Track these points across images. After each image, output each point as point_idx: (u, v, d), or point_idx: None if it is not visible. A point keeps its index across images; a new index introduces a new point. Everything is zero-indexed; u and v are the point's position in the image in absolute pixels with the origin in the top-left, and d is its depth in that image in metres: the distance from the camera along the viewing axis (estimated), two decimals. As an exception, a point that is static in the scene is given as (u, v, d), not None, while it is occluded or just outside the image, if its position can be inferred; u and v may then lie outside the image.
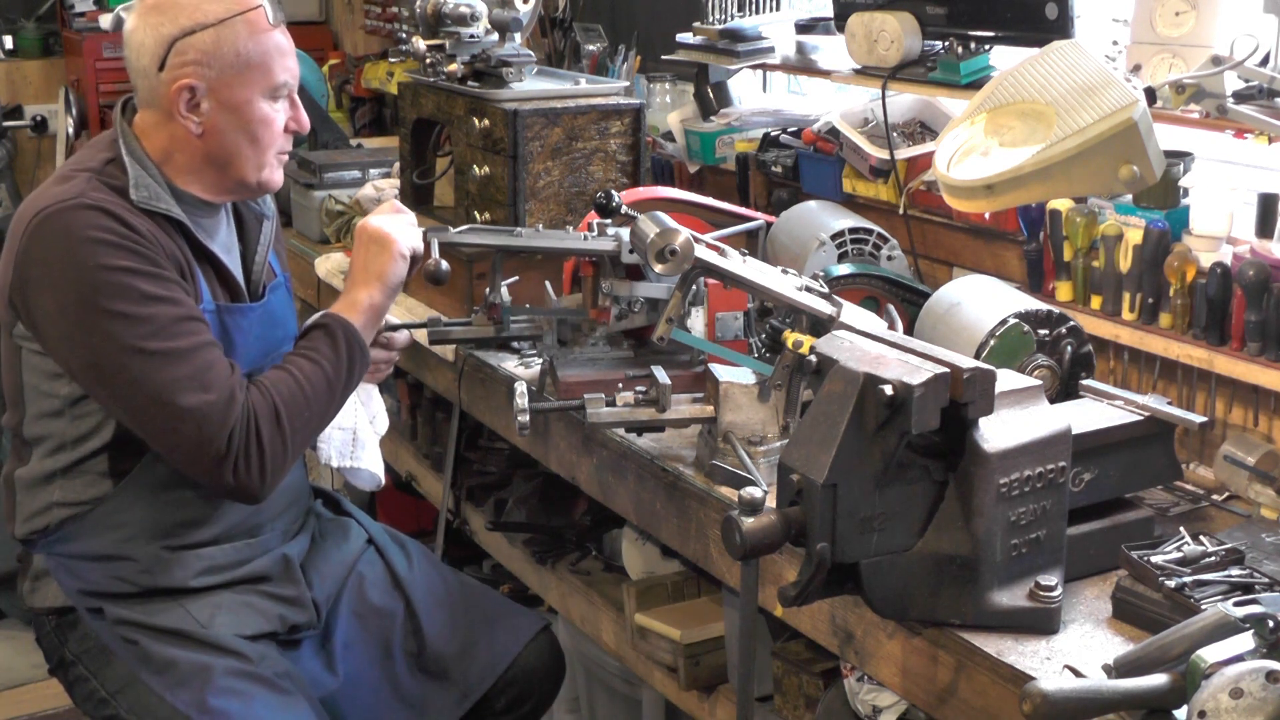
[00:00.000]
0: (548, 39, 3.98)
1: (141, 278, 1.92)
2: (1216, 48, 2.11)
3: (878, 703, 2.14)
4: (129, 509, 2.06)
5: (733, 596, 2.35)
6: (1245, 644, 1.37)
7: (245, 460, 1.94)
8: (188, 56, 1.98)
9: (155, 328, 1.91)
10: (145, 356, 1.90)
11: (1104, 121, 1.95)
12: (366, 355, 2.12)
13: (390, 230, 2.17)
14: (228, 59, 1.99)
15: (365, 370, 2.15)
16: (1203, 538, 1.75)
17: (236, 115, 2.02)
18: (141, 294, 1.91)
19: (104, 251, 1.90)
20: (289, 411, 1.98)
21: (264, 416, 1.95)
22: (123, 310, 1.90)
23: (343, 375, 2.07)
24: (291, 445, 2.00)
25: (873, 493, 1.59)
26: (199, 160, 2.05)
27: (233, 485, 1.95)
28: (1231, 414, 2.17)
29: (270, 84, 2.03)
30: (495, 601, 2.46)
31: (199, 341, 1.95)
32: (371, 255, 2.15)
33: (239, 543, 2.15)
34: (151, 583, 2.08)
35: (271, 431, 1.96)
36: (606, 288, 2.27)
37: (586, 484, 2.38)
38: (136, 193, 1.97)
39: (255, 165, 2.07)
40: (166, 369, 1.91)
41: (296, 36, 2.17)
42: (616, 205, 2.25)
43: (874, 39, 2.69)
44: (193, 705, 2.00)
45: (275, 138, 2.07)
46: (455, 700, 2.30)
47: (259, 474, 1.96)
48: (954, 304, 2.26)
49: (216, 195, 2.10)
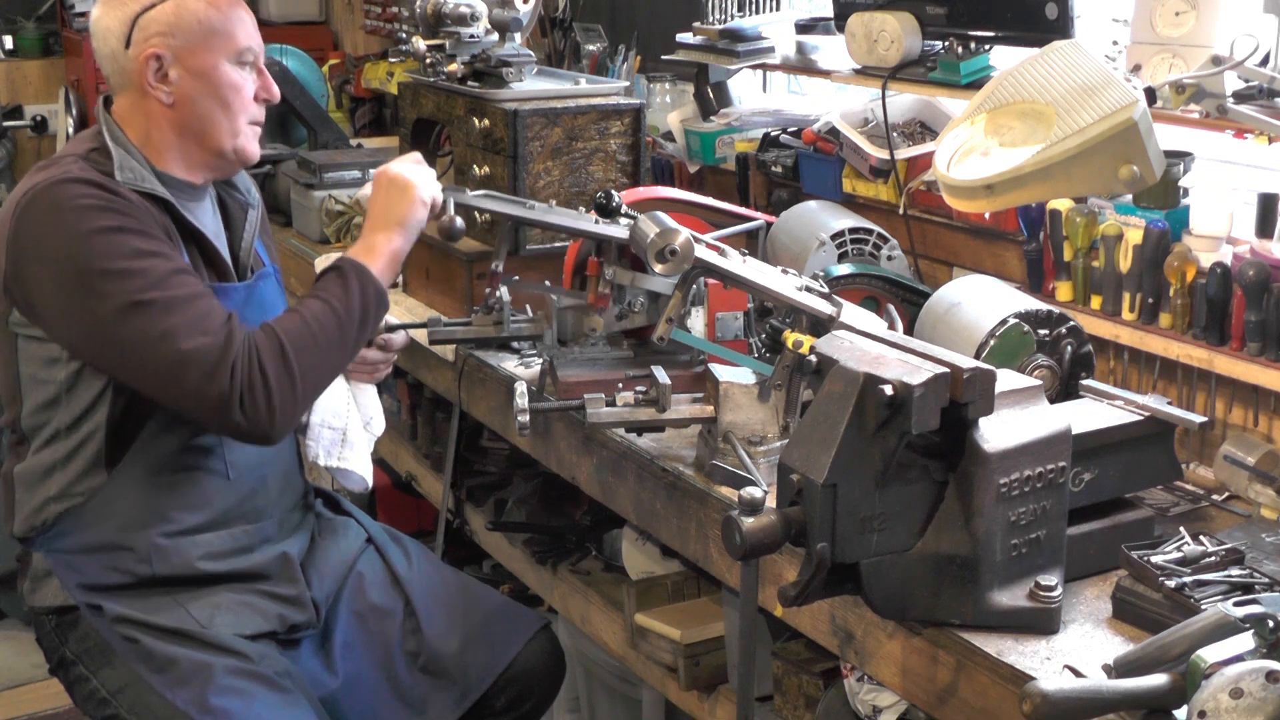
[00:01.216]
0: (548, 39, 3.98)
1: (131, 235, 1.95)
2: (1216, 48, 2.11)
3: (878, 703, 2.14)
4: (124, 496, 2.07)
5: (733, 596, 2.35)
6: (1245, 644, 1.37)
7: (251, 396, 1.93)
8: (151, 30, 2.04)
9: (150, 280, 1.93)
10: (143, 308, 1.92)
11: (1104, 121, 1.95)
12: (384, 297, 2.11)
13: (411, 176, 2.18)
14: (190, 27, 2.04)
15: (383, 312, 2.13)
16: (1203, 538, 1.75)
17: (205, 81, 2.06)
18: (133, 250, 1.94)
19: (92, 216, 1.94)
20: (295, 347, 1.98)
21: (267, 351, 1.96)
22: (117, 267, 1.93)
23: (355, 314, 2.05)
24: (301, 382, 1.98)
25: (873, 493, 1.59)
26: (175, 134, 2.08)
27: (243, 424, 1.95)
28: (1231, 414, 2.17)
29: (234, 48, 2.08)
30: (495, 600, 2.46)
31: (193, 291, 1.97)
32: (392, 200, 2.16)
33: (236, 529, 2.15)
34: (150, 572, 2.08)
35: (277, 367, 1.95)
36: (609, 274, 2.26)
37: (586, 484, 2.38)
38: (121, 174, 2.02)
39: (229, 132, 2.10)
40: (165, 318, 1.92)
41: (296, 36, 2.20)
42: (617, 205, 2.25)
43: (874, 39, 2.69)
44: (193, 704, 2.01)
45: (246, 104, 2.11)
46: (455, 699, 2.30)
47: (266, 410, 1.95)
48: (954, 304, 2.26)
49: (197, 173, 2.13)
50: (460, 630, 2.34)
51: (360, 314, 2.06)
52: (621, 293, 2.35)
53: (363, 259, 2.10)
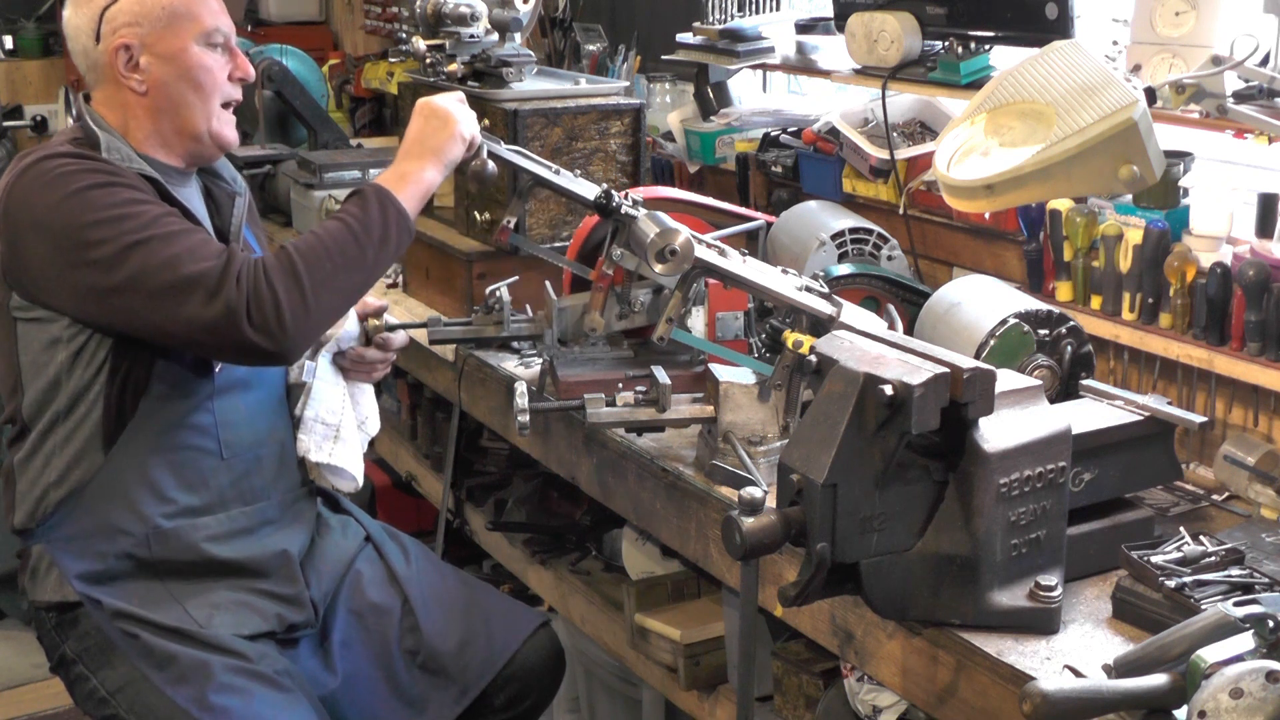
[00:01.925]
0: (548, 39, 3.99)
1: (116, 188, 1.99)
2: (1216, 48, 2.11)
3: (878, 703, 2.14)
4: (122, 477, 2.08)
5: (733, 596, 2.35)
6: (1245, 644, 1.37)
7: (259, 309, 1.93)
8: (118, 21, 2.07)
9: (143, 221, 1.96)
10: (140, 246, 1.94)
11: (1104, 121, 1.95)
12: (406, 219, 2.08)
13: (454, 110, 2.17)
14: (154, 13, 2.08)
15: (406, 236, 2.09)
16: (1203, 538, 1.75)
17: (175, 64, 2.09)
18: (121, 199, 1.98)
19: (78, 177, 1.98)
20: (305, 260, 1.97)
21: (275, 266, 1.96)
22: (108, 215, 1.96)
23: (375, 234, 2.03)
24: (313, 295, 1.96)
25: (873, 493, 1.59)
26: (151, 121, 2.11)
27: (253, 338, 1.93)
28: (1231, 414, 2.17)
29: (201, 29, 2.10)
30: (494, 598, 2.46)
31: (187, 226, 2.01)
32: (431, 129, 2.15)
33: (234, 511, 2.16)
34: (150, 557, 2.09)
35: (285, 278, 1.95)
36: (617, 255, 2.26)
37: (586, 484, 2.38)
38: (109, 154, 2.05)
39: (204, 114, 2.12)
40: (162, 249, 1.95)
41: (296, 36, 2.20)
42: (617, 205, 2.25)
43: (874, 39, 2.70)
44: (193, 702, 2.01)
45: (218, 85, 2.13)
46: (454, 697, 2.30)
47: (277, 323, 1.93)
48: (954, 304, 2.26)
49: (178, 158, 2.15)
50: (459, 628, 2.33)
51: (380, 234, 2.04)
52: (625, 288, 2.34)
53: (390, 185, 2.09)
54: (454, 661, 2.30)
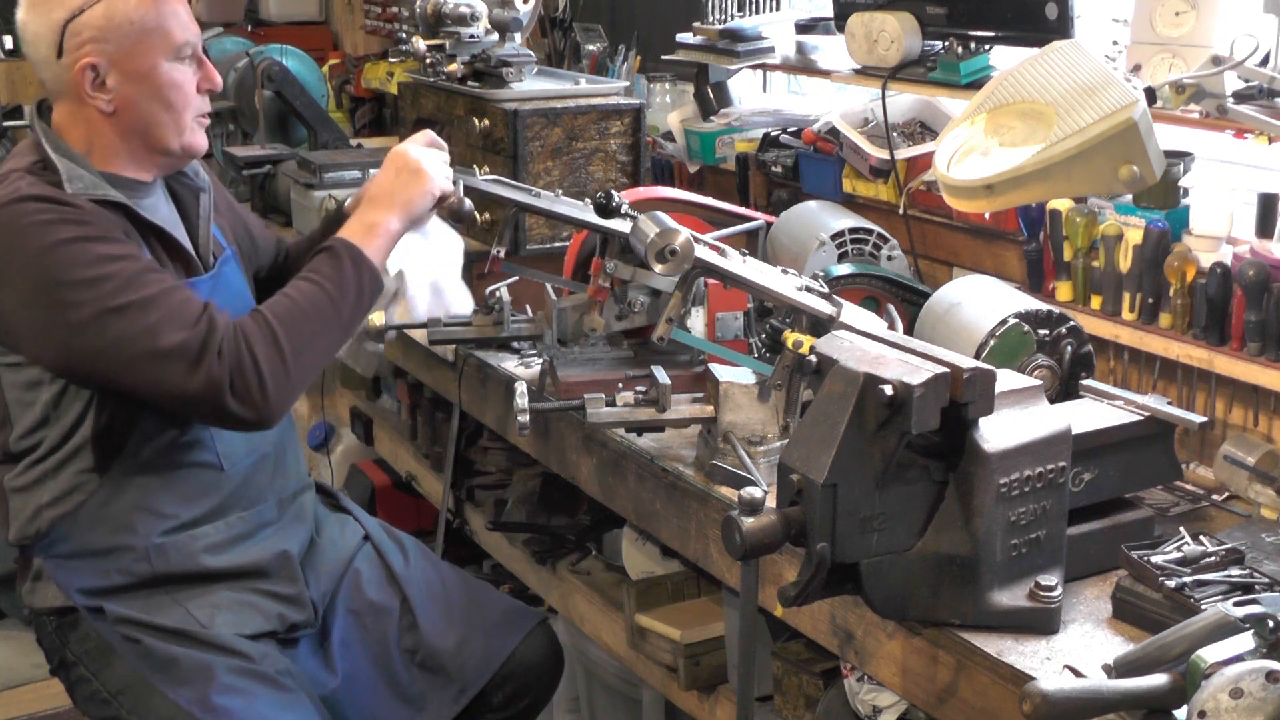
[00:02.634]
0: (548, 39, 3.99)
1: (93, 242, 1.92)
2: (1216, 48, 2.11)
3: (878, 703, 2.14)
4: (118, 499, 2.06)
5: (733, 596, 2.35)
6: (1245, 644, 1.37)
7: (242, 379, 1.91)
8: (83, 36, 1.96)
9: (120, 283, 1.90)
10: (118, 313, 1.89)
11: (1104, 121, 1.95)
12: (376, 276, 2.07)
13: (426, 164, 2.15)
14: (123, 29, 1.97)
15: (377, 291, 2.09)
16: (1203, 538, 1.75)
17: (144, 84, 2.01)
18: (97, 256, 1.91)
19: (50, 230, 1.91)
20: (285, 328, 1.95)
21: (255, 334, 1.93)
22: (84, 276, 1.90)
23: (349, 294, 2.02)
24: (293, 361, 1.95)
25: (873, 493, 1.59)
26: (119, 138, 2.04)
27: (237, 410, 1.92)
28: (1231, 414, 2.17)
29: (171, 45, 2.01)
30: (492, 597, 2.46)
31: (165, 286, 1.94)
32: (402, 182, 2.13)
33: (233, 517, 2.14)
34: (151, 571, 2.08)
35: (267, 348, 1.93)
36: (611, 267, 2.26)
37: (586, 484, 2.38)
38: (71, 185, 1.97)
39: (175, 130, 2.05)
40: (141, 317, 1.90)
41: (296, 36, 2.18)
42: (617, 205, 2.25)
43: (874, 39, 2.69)
44: (195, 703, 2.00)
45: (189, 100, 2.05)
46: (453, 696, 2.30)
47: (260, 392, 1.92)
48: (954, 304, 2.26)
49: (146, 171, 2.09)
50: (457, 627, 2.33)
51: (355, 293, 2.03)
52: (623, 289, 2.35)
53: (358, 240, 2.07)
54: (452, 660, 2.30)
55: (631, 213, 2.23)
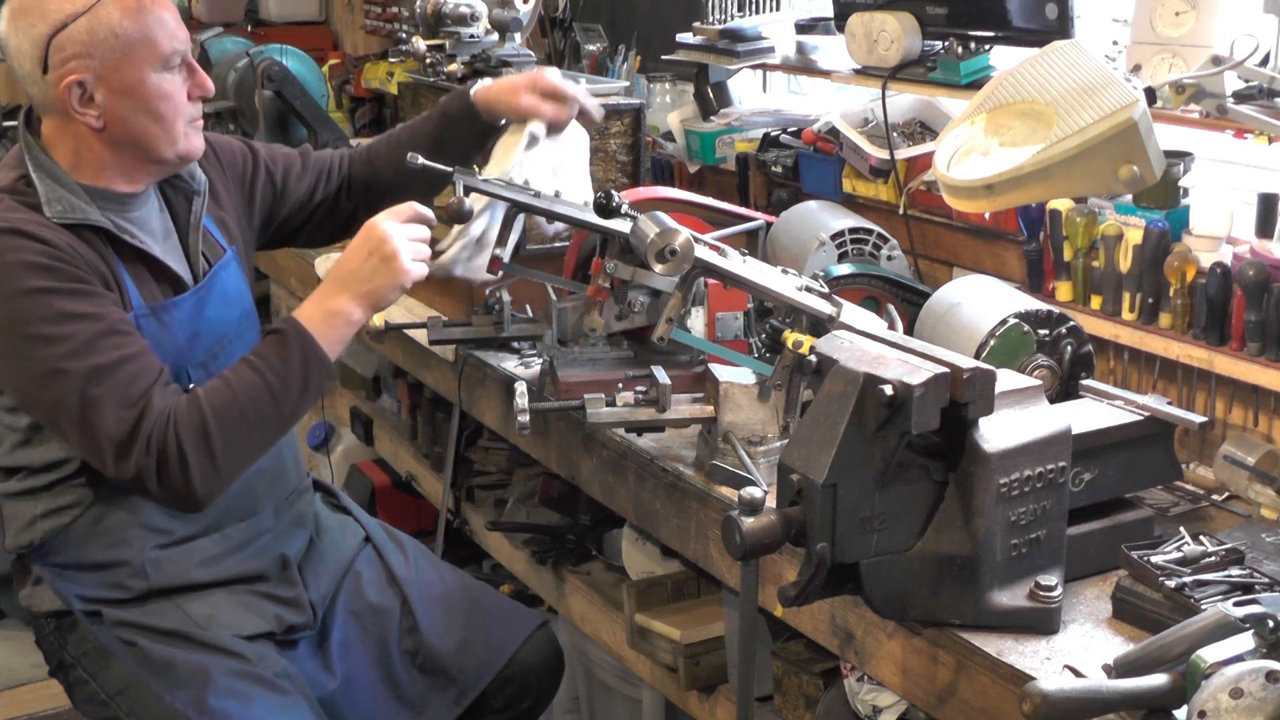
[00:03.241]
0: (548, 39, 3.98)
1: (60, 296, 1.88)
2: (1216, 48, 2.11)
3: (878, 703, 2.14)
4: (112, 514, 2.05)
5: (733, 596, 2.35)
6: (1245, 644, 1.37)
7: (166, 472, 1.88)
8: (67, 52, 1.91)
9: (74, 346, 1.87)
10: (64, 376, 1.86)
11: (1104, 121, 1.95)
12: (326, 368, 1.98)
13: (402, 250, 1.99)
14: (107, 43, 1.92)
15: (324, 383, 2.01)
16: (1203, 538, 1.75)
17: (133, 97, 1.96)
18: (59, 313, 1.87)
19: (21, 275, 1.87)
20: (219, 421, 1.89)
21: (186, 427, 1.88)
22: (41, 332, 1.87)
23: (294, 387, 1.94)
24: (222, 458, 1.90)
25: (873, 493, 1.59)
26: (110, 152, 1.99)
27: (162, 497, 1.91)
28: (1231, 414, 2.17)
29: (159, 56, 1.96)
30: (493, 599, 2.46)
31: (122, 355, 1.89)
32: (372, 269, 1.99)
33: (229, 529, 2.14)
34: (147, 586, 2.07)
35: (196, 442, 1.88)
36: (610, 267, 2.26)
37: (586, 484, 2.38)
38: (50, 209, 1.93)
39: (167, 141, 2.00)
40: (85, 387, 1.87)
41: (296, 36, 2.16)
42: (617, 205, 2.25)
43: (874, 39, 2.69)
44: (192, 706, 2.00)
45: (180, 109, 2.00)
46: (453, 698, 2.30)
47: (184, 485, 1.89)
48: (954, 304, 2.26)
49: (138, 181, 2.05)
50: (458, 629, 2.33)
51: (300, 386, 1.95)
52: (623, 289, 2.35)
53: (313, 326, 1.96)
54: (453, 662, 2.30)
55: (631, 213, 2.23)
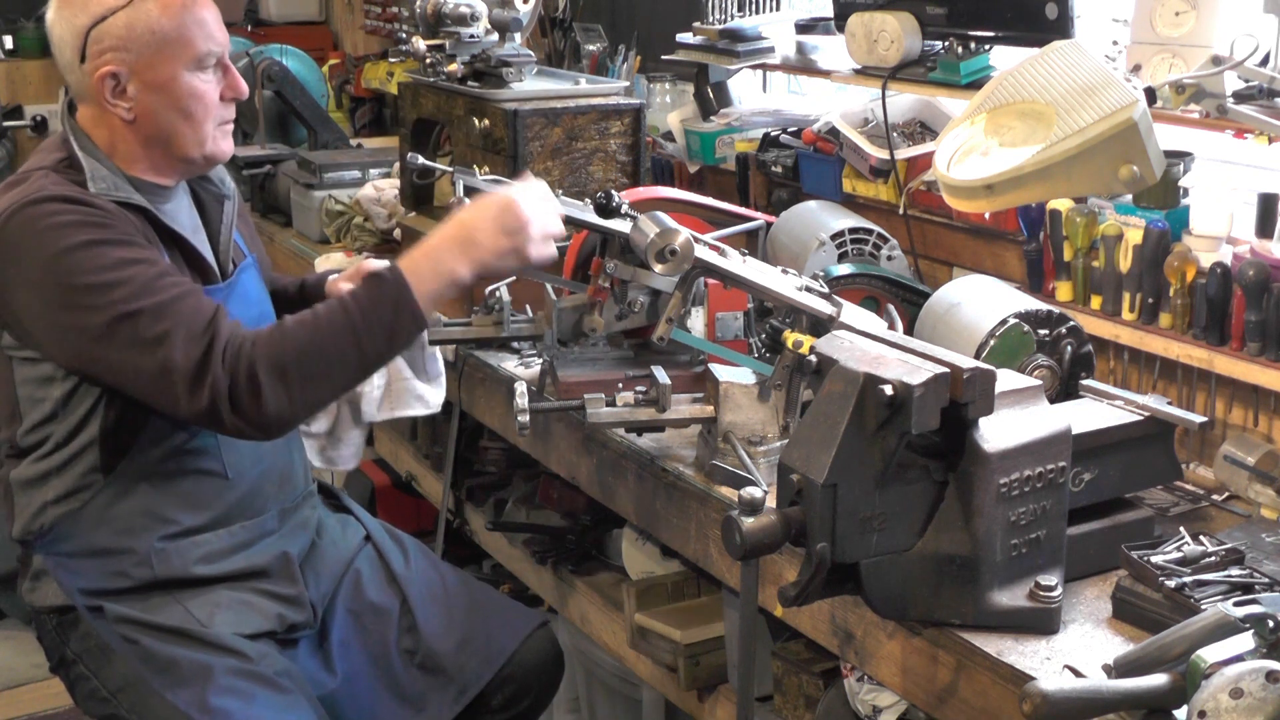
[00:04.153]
0: (548, 39, 3.98)
1: (111, 246, 1.91)
2: (1216, 48, 2.11)
3: (878, 703, 2.14)
4: (122, 500, 2.06)
5: (733, 596, 2.35)
6: (1245, 644, 1.37)
7: (240, 396, 1.87)
8: (104, 44, 1.96)
9: (135, 288, 1.89)
10: (130, 319, 1.88)
11: (1104, 121, 1.95)
12: (418, 321, 1.93)
13: (534, 227, 1.96)
14: (144, 39, 1.96)
15: (411, 338, 1.97)
16: (1203, 538, 1.75)
17: (164, 94, 1.99)
18: (115, 260, 1.90)
19: (69, 232, 1.90)
20: (298, 355, 1.88)
21: (264, 352, 1.88)
22: (101, 280, 1.89)
23: (379, 335, 1.90)
24: (299, 388, 1.89)
25: (873, 493, 1.59)
26: (140, 145, 2.03)
27: (237, 425, 1.90)
28: (1231, 414, 2.17)
29: (193, 55, 1.99)
30: (492, 598, 2.46)
31: (178, 292, 1.92)
32: (497, 233, 1.94)
33: (234, 526, 2.14)
34: (151, 576, 2.08)
35: (271, 375, 1.87)
36: (611, 268, 2.26)
37: (586, 484, 2.38)
38: (95, 185, 1.97)
39: (195, 141, 2.03)
40: (153, 325, 1.88)
41: (296, 36, 2.17)
42: (617, 205, 2.25)
43: (874, 39, 2.69)
44: (194, 704, 2.00)
45: (210, 109, 2.03)
46: (453, 696, 2.30)
47: (257, 411, 1.88)
48: (954, 304, 2.26)
49: (168, 176, 2.08)
50: (458, 628, 2.33)
51: (385, 336, 1.92)
52: (623, 289, 2.35)
53: (414, 281, 1.92)
54: (452, 661, 2.30)
55: (631, 213, 2.23)
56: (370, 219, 3.46)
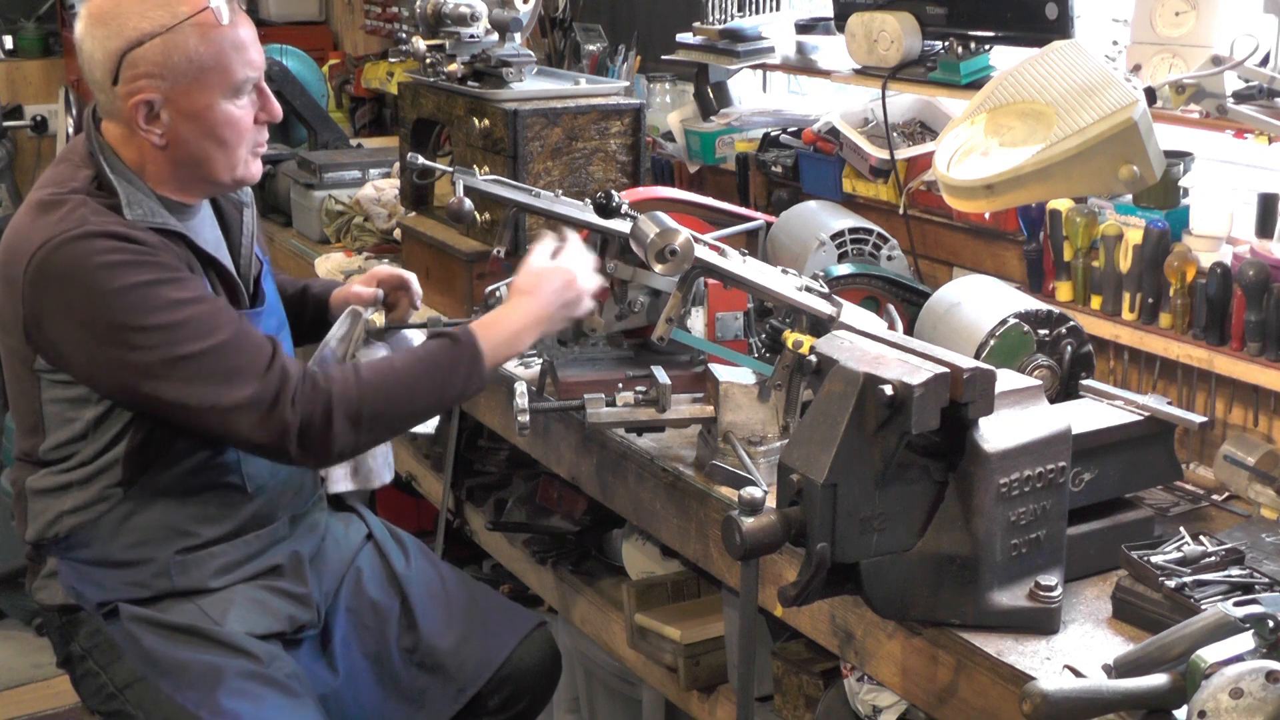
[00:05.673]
0: (548, 39, 3.98)
1: (165, 286, 1.90)
2: (1216, 48, 2.11)
3: (878, 703, 2.14)
4: (140, 514, 2.05)
5: (733, 596, 2.35)
6: (1245, 644, 1.37)
7: (311, 433, 1.93)
8: (139, 69, 1.92)
9: (192, 330, 1.89)
10: (190, 360, 1.89)
11: (1104, 121, 1.95)
12: (481, 384, 2.09)
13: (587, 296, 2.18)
14: (180, 67, 1.92)
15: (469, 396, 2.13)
16: (1203, 538, 1.75)
17: (199, 122, 1.96)
18: (170, 301, 1.89)
19: (121, 272, 1.88)
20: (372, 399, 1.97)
21: (340, 396, 1.94)
22: (155, 322, 1.88)
23: (447, 393, 2.06)
24: (366, 431, 1.99)
25: (873, 493, 1.59)
26: (169, 167, 2.00)
27: (300, 459, 1.97)
28: (1231, 414, 2.17)
29: (230, 84, 1.96)
30: (491, 599, 2.46)
31: (237, 330, 1.93)
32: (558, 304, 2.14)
33: (249, 535, 2.14)
34: (169, 586, 2.07)
35: (345, 412, 1.94)
36: (610, 268, 2.26)
37: (586, 484, 2.38)
38: (131, 211, 1.94)
39: (227, 166, 2.02)
40: (215, 364, 1.90)
41: (296, 36, 2.16)
42: (617, 205, 2.25)
43: (874, 39, 2.70)
44: (203, 705, 1.99)
45: (244, 135, 2.01)
46: (452, 694, 2.30)
47: (324, 448, 1.96)
48: (954, 304, 2.26)
49: (194, 196, 2.07)
50: (457, 627, 2.33)
51: (453, 394, 2.08)
52: (623, 289, 2.35)
53: (489, 349, 2.07)
54: (451, 659, 2.31)
55: (631, 213, 2.23)
56: (370, 219, 3.46)
